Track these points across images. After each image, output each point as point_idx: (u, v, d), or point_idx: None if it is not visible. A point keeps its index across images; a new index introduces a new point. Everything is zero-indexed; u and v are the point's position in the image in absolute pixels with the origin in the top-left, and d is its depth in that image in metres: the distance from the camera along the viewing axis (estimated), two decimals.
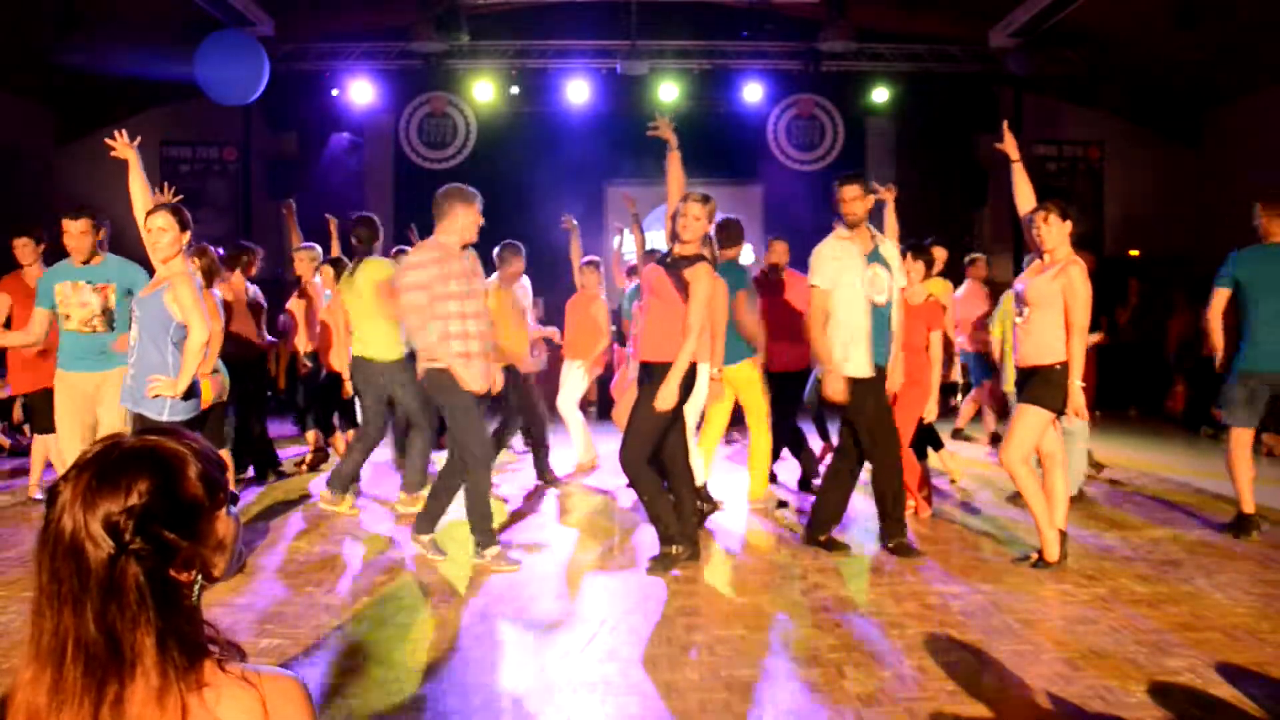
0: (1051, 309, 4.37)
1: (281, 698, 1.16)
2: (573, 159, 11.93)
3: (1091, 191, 12.40)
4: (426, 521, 4.73)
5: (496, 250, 6.65)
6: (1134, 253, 12.12)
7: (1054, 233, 4.43)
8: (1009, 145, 4.87)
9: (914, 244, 5.63)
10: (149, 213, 4.16)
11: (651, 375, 4.55)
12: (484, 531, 4.61)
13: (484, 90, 11.98)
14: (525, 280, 8.42)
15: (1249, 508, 5.11)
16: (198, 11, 10.16)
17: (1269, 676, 3.23)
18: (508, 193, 12.44)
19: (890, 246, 4.94)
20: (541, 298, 8.82)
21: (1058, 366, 4.37)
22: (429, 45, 11.15)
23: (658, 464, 4.67)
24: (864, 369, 4.69)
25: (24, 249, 5.78)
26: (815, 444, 6.92)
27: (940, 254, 6.00)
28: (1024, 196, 4.80)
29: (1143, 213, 12.29)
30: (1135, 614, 3.89)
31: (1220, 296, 5.17)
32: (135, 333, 4.13)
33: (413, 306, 4.37)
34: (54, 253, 5.66)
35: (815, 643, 3.58)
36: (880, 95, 12.10)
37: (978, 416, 8.65)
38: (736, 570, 4.57)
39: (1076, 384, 4.34)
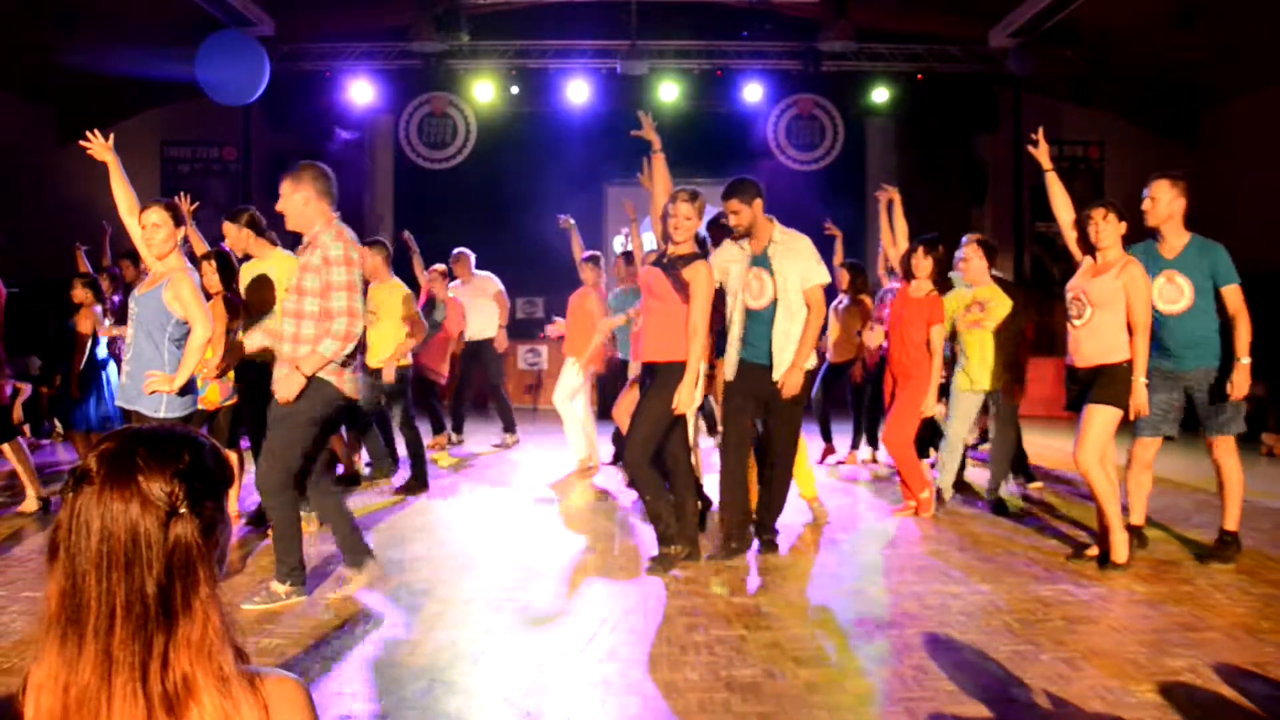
0: (1114, 308, 4.40)
1: (283, 700, 1.16)
2: (573, 159, 11.94)
3: (1091, 191, 12.39)
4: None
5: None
6: None
7: (1109, 232, 4.46)
8: (1042, 153, 4.83)
9: (925, 239, 5.61)
10: (142, 209, 4.14)
11: (654, 376, 4.55)
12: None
13: (484, 90, 11.98)
14: (488, 274, 8.54)
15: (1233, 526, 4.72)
16: (198, 11, 10.16)
17: (1269, 676, 3.23)
18: (508, 193, 12.46)
19: (783, 246, 4.64)
20: (541, 298, 8.86)
21: (1124, 364, 4.39)
22: (429, 45, 11.16)
23: (659, 464, 4.67)
24: (729, 371, 4.72)
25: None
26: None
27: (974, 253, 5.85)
28: (1062, 204, 4.81)
29: (1142, 212, 12.29)
30: (1135, 614, 3.89)
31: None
32: (132, 330, 4.11)
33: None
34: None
35: (815, 643, 3.58)
36: (880, 95, 12.10)
37: None
38: (736, 570, 4.57)
39: (1140, 381, 4.35)
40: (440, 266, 8.05)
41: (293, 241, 4.41)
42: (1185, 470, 7.27)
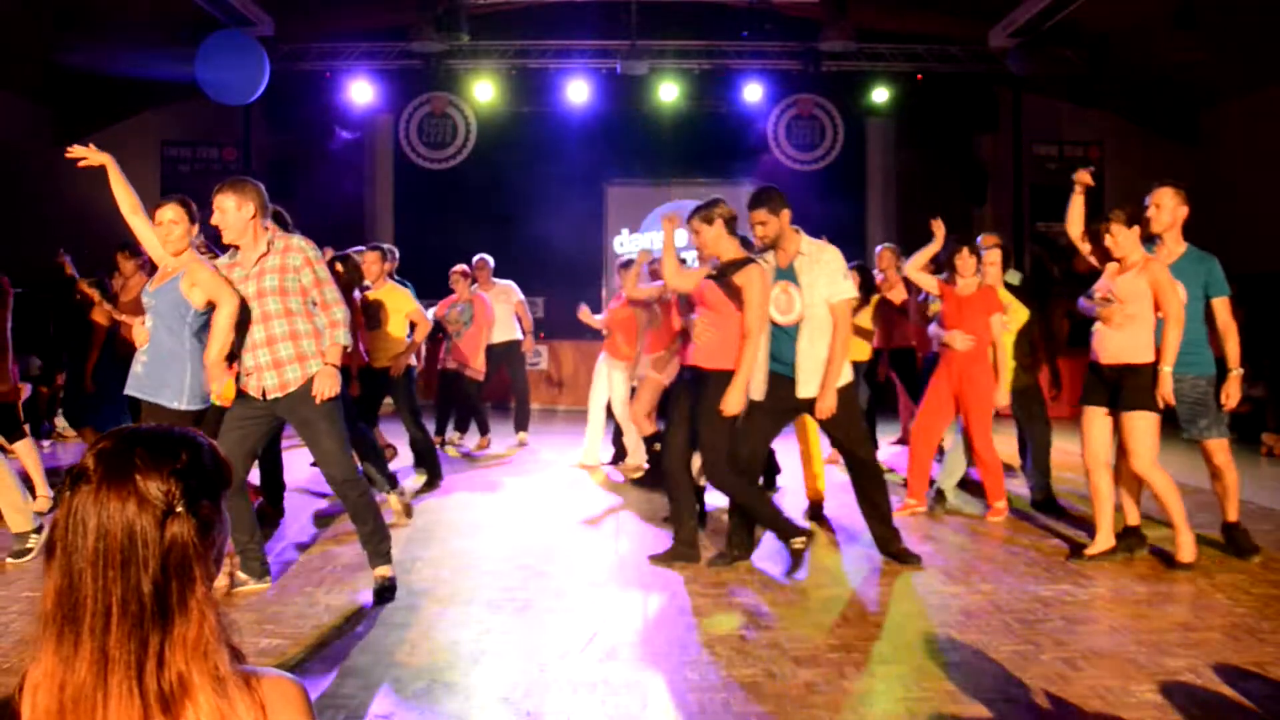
0: (1141, 305, 4.42)
1: (281, 700, 1.16)
2: (573, 159, 11.94)
3: (1091, 191, 12.39)
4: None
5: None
6: None
7: (1123, 241, 4.48)
8: (1084, 176, 4.82)
9: (962, 239, 5.62)
10: (158, 206, 4.11)
11: (705, 382, 4.45)
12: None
13: (484, 90, 11.98)
14: (509, 282, 8.58)
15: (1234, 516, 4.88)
16: (198, 11, 10.16)
17: (1269, 676, 3.23)
18: (508, 193, 12.46)
19: (809, 258, 4.53)
20: (541, 298, 8.87)
21: (1153, 366, 4.41)
22: (429, 45, 11.15)
23: (681, 467, 4.64)
24: (758, 392, 4.59)
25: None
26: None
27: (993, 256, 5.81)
28: (1075, 221, 4.82)
29: (1146, 219, 12.29)
30: (1135, 614, 3.89)
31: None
32: (150, 324, 4.08)
33: None
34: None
35: (815, 643, 3.58)
36: (880, 95, 12.10)
37: None
38: (736, 570, 4.57)
39: (1168, 370, 4.36)
40: (462, 267, 8.06)
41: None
42: (1185, 471, 7.27)
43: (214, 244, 5.73)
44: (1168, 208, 4.68)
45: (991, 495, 5.58)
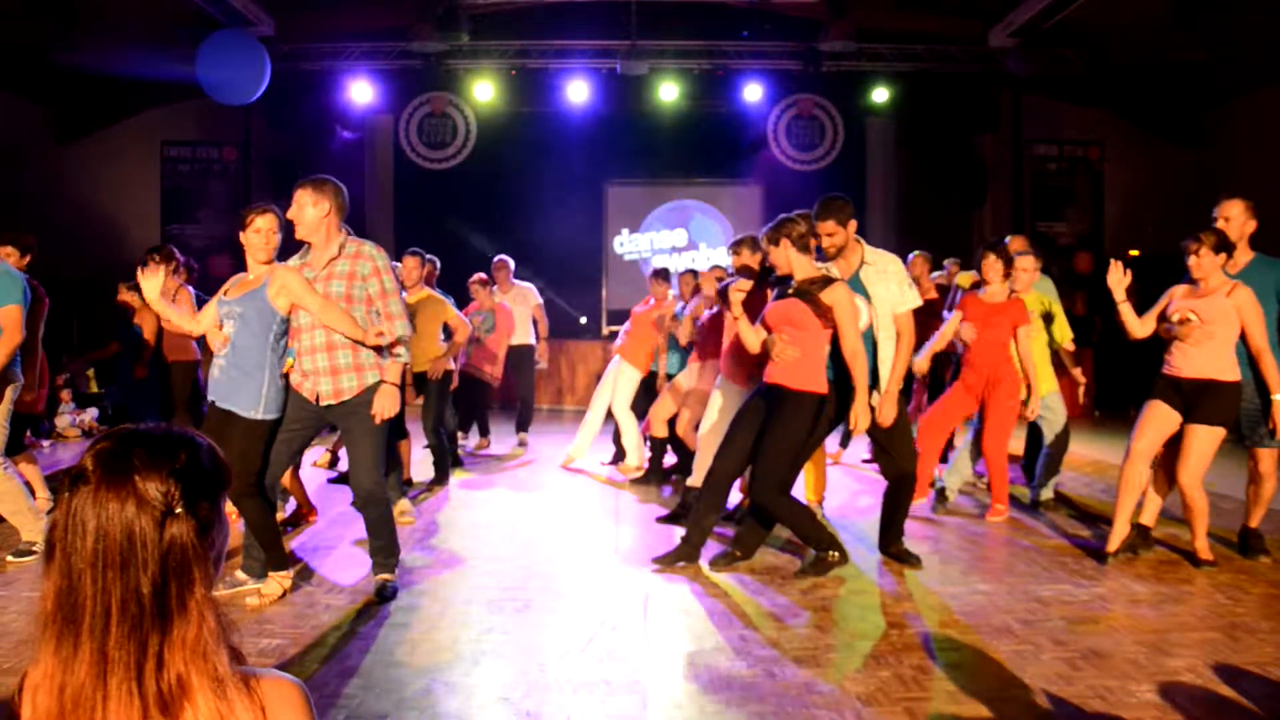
0: (1227, 325, 4.43)
1: (280, 701, 1.16)
2: (573, 159, 11.94)
3: (1091, 191, 12.39)
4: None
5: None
6: (1134, 252, 12.12)
7: (1207, 265, 4.51)
8: (1119, 277, 4.67)
9: (992, 242, 5.61)
10: (256, 213, 4.03)
11: (785, 401, 4.37)
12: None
13: (484, 90, 11.98)
14: (529, 285, 8.62)
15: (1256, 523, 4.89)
16: (198, 11, 10.16)
17: (1269, 677, 3.23)
18: (508, 193, 12.47)
19: (875, 268, 4.64)
20: (542, 298, 8.87)
21: (1235, 385, 4.42)
22: (429, 45, 11.16)
23: (732, 477, 4.58)
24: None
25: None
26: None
27: (1028, 263, 5.78)
28: (1132, 323, 4.70)
29: (1143, 213, 12.29)
30: (1135, 614, 3.89)
31: None
32: (232, 330, 4.01)
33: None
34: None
35: (815, 643, 3.58)
36: (880, 95, 12.10)
37: None
38: (736, 571, 4.57)
39: (1279, 398, 4.40)
40: (481, 275, 8.08)
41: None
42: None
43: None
44: (1237, 221, 4.78)
45: (995, 496, 5.59)
